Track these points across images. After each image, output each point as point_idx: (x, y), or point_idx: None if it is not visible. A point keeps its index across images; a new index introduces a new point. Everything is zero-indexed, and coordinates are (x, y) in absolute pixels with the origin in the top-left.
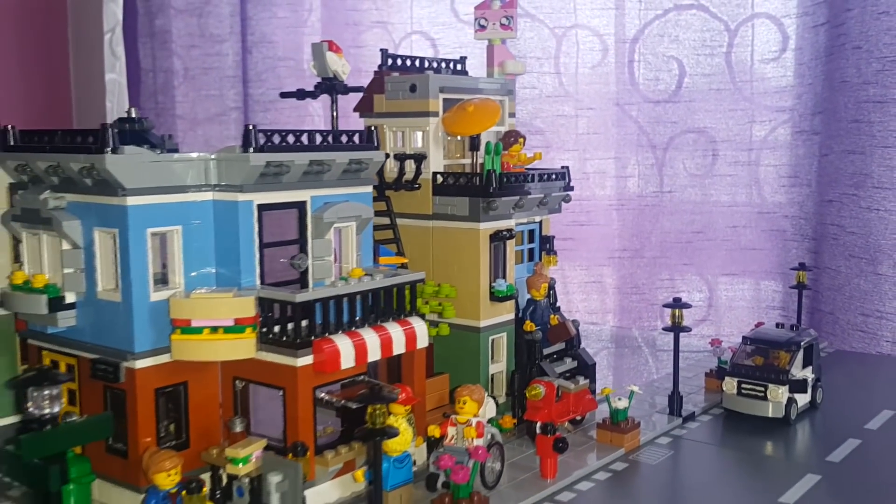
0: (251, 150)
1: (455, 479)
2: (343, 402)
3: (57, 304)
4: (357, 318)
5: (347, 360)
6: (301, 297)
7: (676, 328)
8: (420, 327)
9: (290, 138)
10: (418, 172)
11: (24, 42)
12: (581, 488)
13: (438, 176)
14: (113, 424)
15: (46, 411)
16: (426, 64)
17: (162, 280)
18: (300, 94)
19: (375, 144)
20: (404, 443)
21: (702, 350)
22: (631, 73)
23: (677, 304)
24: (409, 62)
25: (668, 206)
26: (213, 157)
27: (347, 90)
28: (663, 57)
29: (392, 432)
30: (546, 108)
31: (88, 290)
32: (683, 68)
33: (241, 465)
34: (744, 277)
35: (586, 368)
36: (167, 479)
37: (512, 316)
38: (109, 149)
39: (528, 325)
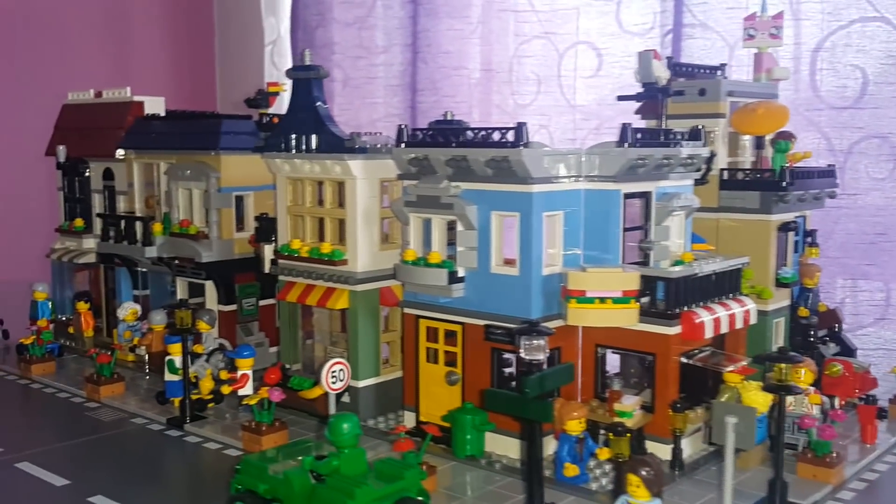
0: (626, 145)
1: (823, 436)
2: (710, 365)
3: (453, 277)
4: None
5: (708, 331)
6: (677, 273)
7: None
8: (752, 306)
9: (647, 136)
10: (709, 169)
11: (173, 52)
12: None
13: (725, 172)
14: (573, 372)
15: (534, 357)
16: (696, 71)
17: None
18: (637, 97)
19: (703, 142)
20: (763, 404)
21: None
22: (813, 81)
23: None
24: (687, 69)
25: (851, 209)
26: (585, 151)
27: (674, 94)
28: (848, 66)
29: (797, 390)
30: None
31: (481, 265)
32: (867, 77)
33: (627, 418)
34: None
35: (850, 352)
36: (578, 426)
37: (788, 301)
38: (522, 143)
39: (803, 311)
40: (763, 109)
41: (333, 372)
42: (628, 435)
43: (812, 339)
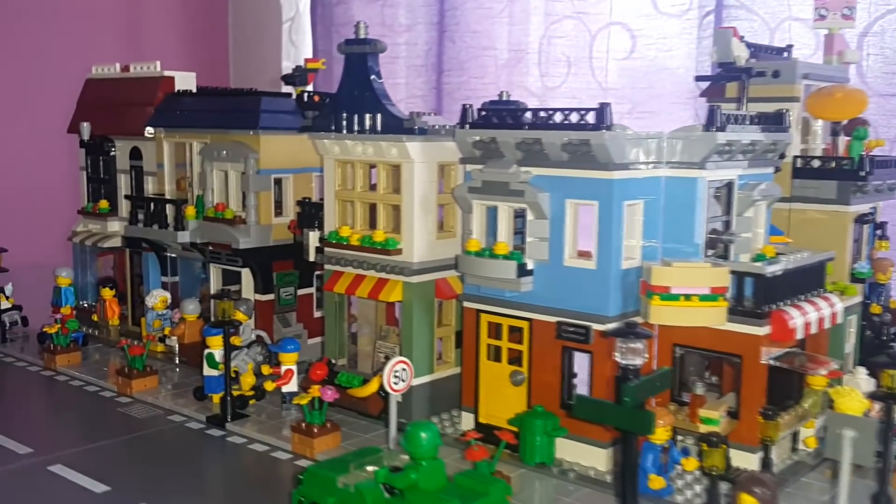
0: (713, 128)
1: None
2: (797, 368)
3: (522, 269)
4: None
5: (799, 332)
6: (771, 269)
7: None
8: (839, 305)
9: (733, 120)
10: (782, 156)
11: (184, 28)
12: None
13: (798, 159)
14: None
15: (630, 362)
16: (760, 52)
17: None
18: (717, 78)
19: (786, 126)
20: (859, 412)
21: None
22: (860, 67)
23: None
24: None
25: None
26: (667, 135)
27: (756, 74)
28: None
29: None
30: None
31: (553, 257)
32: None
33: (713, 425)
34: None
35: None
36: (663, 433)
37: (860, 298)
38: (605, 126)
39: (876, 308)
40: (841, 94)
41: (396, 372)
42: (723, 446)
43: (885, 338)
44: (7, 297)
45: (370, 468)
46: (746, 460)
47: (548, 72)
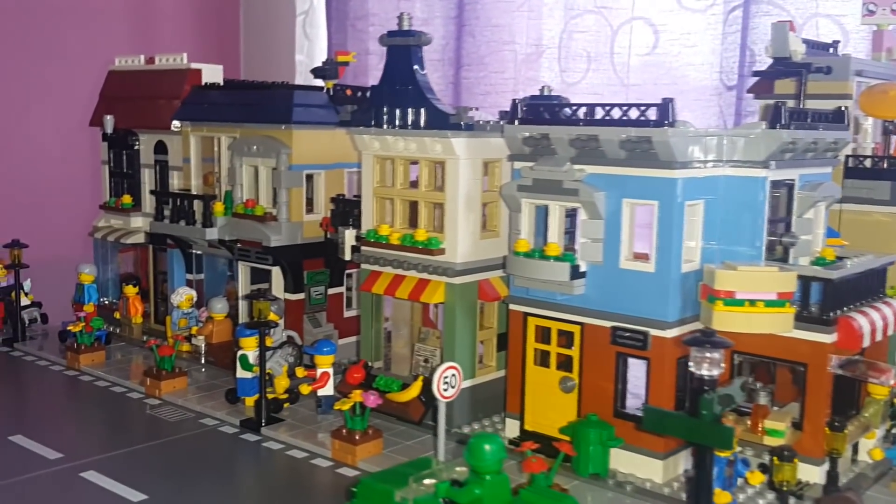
0: (779, 126)
1: None
2: (860, 376)
3: (575, 271)
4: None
5: (866, 339)
6: (838, 274)
7: None
8: None
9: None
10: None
11: (194, 21)
12: None
13: (850, 159)
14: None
15: (707, 373)
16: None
17: None
18: (773, 74)
19: (846, 124)
20: None
21: None
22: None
23: None
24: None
25: None
26: (728, 133)
27: (815, 70)
28: None
29: None
30: None
31: (607, 259)
32: None
33: (778, 437)
34: None
35: None
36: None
37: None
38: (668, 122)
39: None
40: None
41: (445, 378)
42: (796, 460)
43: None
44: (26, 294)
45: (428, 481)
46: (809, 473)
47: (568, 67)
